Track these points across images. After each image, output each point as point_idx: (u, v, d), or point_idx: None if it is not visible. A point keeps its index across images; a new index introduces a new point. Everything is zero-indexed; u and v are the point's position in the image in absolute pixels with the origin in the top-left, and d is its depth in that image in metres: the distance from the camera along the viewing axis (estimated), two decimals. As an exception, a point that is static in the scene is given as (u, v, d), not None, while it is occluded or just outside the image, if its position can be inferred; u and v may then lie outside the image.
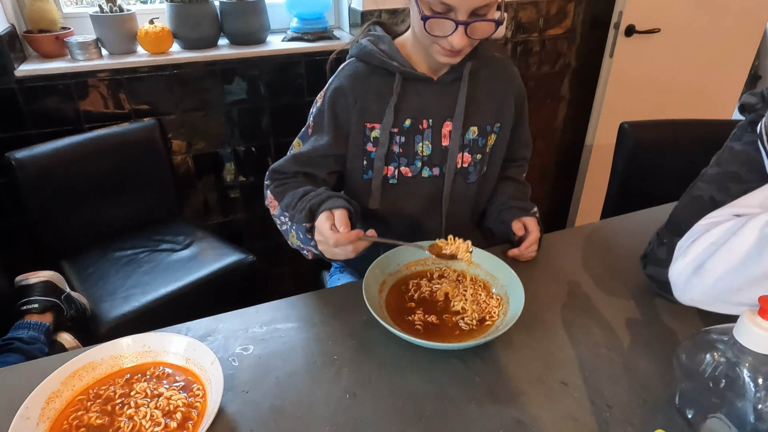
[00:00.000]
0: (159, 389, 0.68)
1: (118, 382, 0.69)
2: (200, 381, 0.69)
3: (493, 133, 1.03)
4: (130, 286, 1.39)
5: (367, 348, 0.79)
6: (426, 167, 0.99)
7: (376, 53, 0.94)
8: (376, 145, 0.97)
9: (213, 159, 1.87)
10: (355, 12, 1.85)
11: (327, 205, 0.83)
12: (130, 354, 0.72)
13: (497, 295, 0.87)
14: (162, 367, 0.71)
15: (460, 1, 0.79)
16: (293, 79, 1.84)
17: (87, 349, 0.71)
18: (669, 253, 0.82)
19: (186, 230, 1.65)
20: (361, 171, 0.99)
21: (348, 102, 0.95)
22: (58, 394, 0.66)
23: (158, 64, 1.65)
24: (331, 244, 0.78)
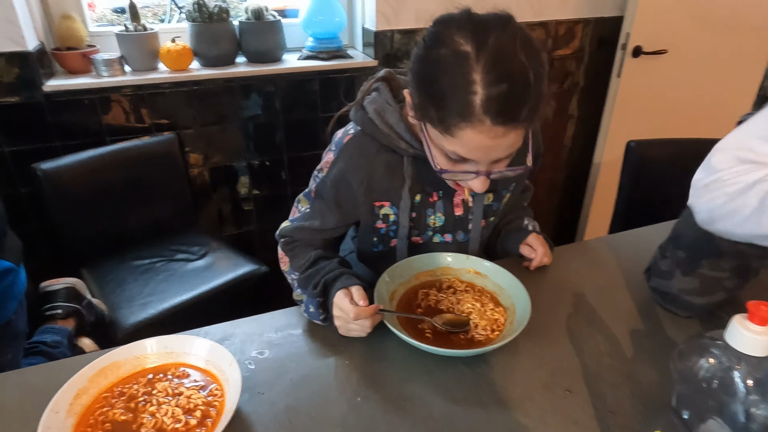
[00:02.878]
0: (180, 389, 0.72)
1: (141, 381, 0.73)
2: (219, 381, 0.73)
3: (509, 193, 1.01)
4: (147, 294, 1.43)
5: (377, 353, 0.82)
6: (437, 234, 0.99)
7: (383, 131, 0.86)
8: (385, 222, 0.95)
9: (228, 172, 1.93)
10: (368, 32, 1.91)
11: (342, 283, 0.83)
12: (152, 355, 0.76)
13: (505, 305, 0.89)
14: (183, 367, 0.75)
15: (483, 157, 0.72)
16: (307, 95, 1.90)
17: (112, 350, 0.75)
18: (671, 265, 0.85)
19: (201, 240, 1.70)
20: (371, 245, 0.99)
21: (354, 186, 0.90)
22: (84, 390, 0.70)
23: (178, 81, 1.72)
24: (352, 317, 0.77)
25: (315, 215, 0.95)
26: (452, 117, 0.67)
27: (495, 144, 0.69)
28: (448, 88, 0.66)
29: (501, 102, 0.64)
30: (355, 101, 0.91)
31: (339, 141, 0.92)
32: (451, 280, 0.96)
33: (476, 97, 0.64)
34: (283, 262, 0.97)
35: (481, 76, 0.64)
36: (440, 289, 0.94)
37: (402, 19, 1.86)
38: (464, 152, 0.71)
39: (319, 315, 0.85)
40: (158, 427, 0.67)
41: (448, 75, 0.66)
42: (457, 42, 0.66)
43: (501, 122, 0.65)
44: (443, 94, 0.67)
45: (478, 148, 0.69)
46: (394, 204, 0.93)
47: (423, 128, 0.76)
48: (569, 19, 2.10)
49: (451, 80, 0.66)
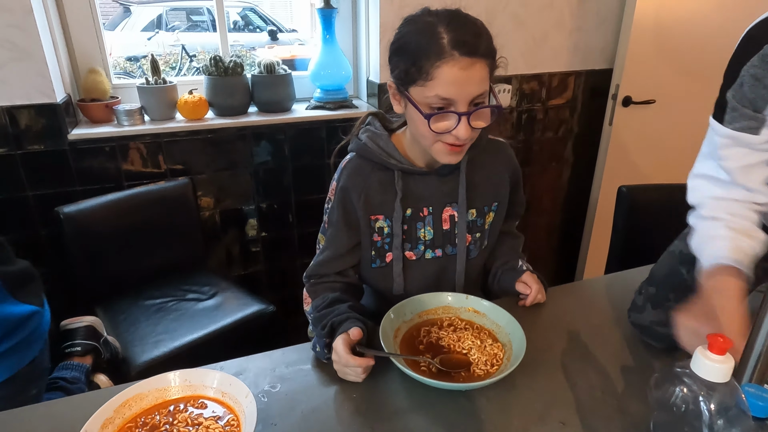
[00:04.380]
0: (199, 419, 0.77)
1: (163, 412, 0.78)
2: (235, 413, 0.78)
3: (492, 212, 1.10)
4: (159, 332, 1.49)
5: (383, 387, 0.87)
6: (429, 249, 1.08)
7: (375, 151, 1.01)
8: (380, 234, 1.05)
9: (238, 215, 2.01)
10: (372, 83, 2.04)
11: (344, 327, 0.89)
12: (174, 387, 0.81)
13: (502, 341, 0.95)
14: (202, 399, 0.80)
15: (458, 93, 0.84)
16: (315, 142, 2.01)
17: (136, 382, 0.80)
18: (645, 300, 0.94)
19: (211, 281, 1.77)
20: (369, 260, 1.07)
21: (353, 199, 1.02)
22: (111, 420, 0.75)
23: (194, 129, 1.83)
24: (343, 363, 0.85)
25: (329, 244, 1.05)
26: (428, 61, 0.83)
27: (466, 76, 0.84)
28: (422, 43, 0.85)
29: (462, 38, 0.83)
30: (351, 133, 1.08)
31: (339, 168, 1.07)
32: (452, 318, 1.02)
33: (443, 40, 0.83)
34: (306, 302, 1.04)
35: (444, 27, 0.84)
36: (441, 326, 1.00)
37: (404, 72, 1.98)
38: (443, 90, 0.84)
39: (324, 354, 0.91)
40: (178, 456, 0.71)
41: (420, 35, 0.86)
42: (421, 18, 0.88)
43: (466, 53, 0.83)
44: (419, 49, 0.85)
45: (454, 81, 0.84)
46: (387, 217, 1.03)
47: (407, 98, 0.89)
48: (562, 71, 2.23)
49: (423, 38, 0.85)
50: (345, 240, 1.05)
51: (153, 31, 6.77)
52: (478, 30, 0.86)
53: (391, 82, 0.93)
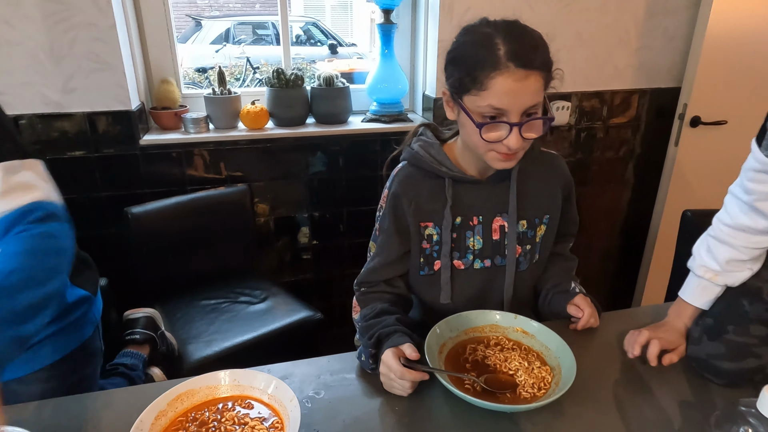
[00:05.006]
0: (245, 419, 0.79)
1: (212, 408, 0.81)
2: (280, 416, 0.79)
3: (543, 224, 1.08)
4: (212, 332, 1.54)
5: (425, 402, 0.86)
6: (477, 259, 1.07)
7: (427, 159, 1.02)
8: (429, 242, 1.05)
9: (291, 222, 2.07)
10: (428, 98, 2.05)
11: (393, 341, 0.90)
12: (223, 386, 0.84)
13: (551, 365, 0.92)
14: (249, 400, 0.83)
15: (511, 103, 0.85)
16: (369, 155, 2.03)
17: (188, 378, 0.84)
18: (701, 332, 0.89)
19: (262, 285, 1.82)
20: (417, 268, 1.08)
21: (404, 206, 1.03)
22: (164, 413, 0.79)
23: (254, 138, 1.90)
24: (397, 377, 0.84)
25: (380, 251, 1.07)
26: (483, 71, 0.84)
27: (521, 87, 0.84)
28: (478, 54, 0.86)
29: (519, 50, 0.83)
30: (403, 143, 1.10)
31: (391, 176, 1.10)
32: (499, 337, 1.00)
33: (500, 51, 0.84)
34: (354, 311, 1.05)
35: (501, 38, 0.85)
36: (488, 345, 0.98)
37: (461, 88, 1.98)
38: (497, 101, 0.85)
39: (369, 364, 0.92)
40: (224, 453, 0.74)
41: (476, 45, 0.87)
42: (479, 29, 0.89)
43: (521, 65, 0.83)
44: (475, 59, 0.86)
45: (508, 92, 0.84)
46: (437, 224, 1.04)
47: (461, 106, 0.90)
48: (625, 89, 2.16)
49: (480, 48, 0.86)
50: (395, 247, 1.06)
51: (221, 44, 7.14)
52: (535, 42, 0.87)
53: (445, 89, 0.95)
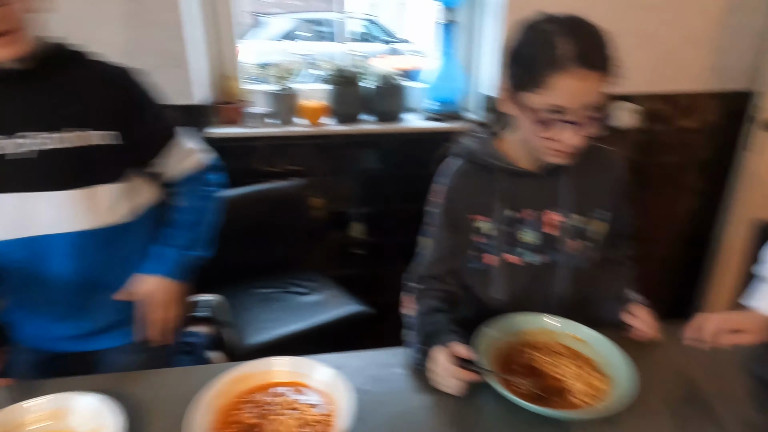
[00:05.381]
0: (296, 404, 0.82)
1: (268, 392, 0.85)
2: (331, 404, 0.82)
3: (598, 220, 1.06)
4: (265, 320, 1.61)
5: (472, 401, 0.86)
6: (530, 253, 1.05)
7: (479, 153, 1.03)
8: (481, 236, 1.05)
9: (343, 217, 2.11)
10: (486, 97, 2.03)
11: (444, 339, 0.90)
12: (279, 371, 0.88)
13: (604, 374, 0.90)
14: (303, 387, 0.86)
15: (571, 103, 0.84)
16: (423, 153, 2.02)
17: (246, 362, 0.88)
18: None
19: (314, 277, 1.87)
20: (469, 262, 1.08)
21: (456, 199, 1.05)
22: (223, 393, 0.83)
23: (312, 134, 1.95)
24: (449, 375, 0.86)
25: (433, 246, 1.08)
26: (544, 70, 0.84)
27: (581, 86, 0.84)
28: (539, 52, 0.86)
29: (581, 50, 0.83)
30: (455, 138, 1.11)
31: (443, 171, 1.10)
32: (549, 342, 0.99)
33: (561, 50, 0.83)
34: (404, 306, 1.07)
35: (563, 37, 0.84)
36: (538, 349, 0.97)
37: (518, 87, 1.95)
38: (557, 98, 0.85)
39: (419, 360, 0.93)
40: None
41: (538, 44, 0.87)
42: (541, 26, 0.88)
43: (583, 64, 0.83)
44: (536, 58, 0.86)
45: (568, 91, 0.84)
46: (489, 218, 1.04)
47: (519, 102, 0.90)
48: (692, 91, 2.05)
49: (542, 47, 0.86)
50: (447, 241, 1.07)
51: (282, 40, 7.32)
52: (598, 41, 0.86)
53: (504, 83, 0.95)
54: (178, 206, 1.16)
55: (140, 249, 1.09)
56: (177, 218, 1.15)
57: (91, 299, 1.04)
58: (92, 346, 1.08)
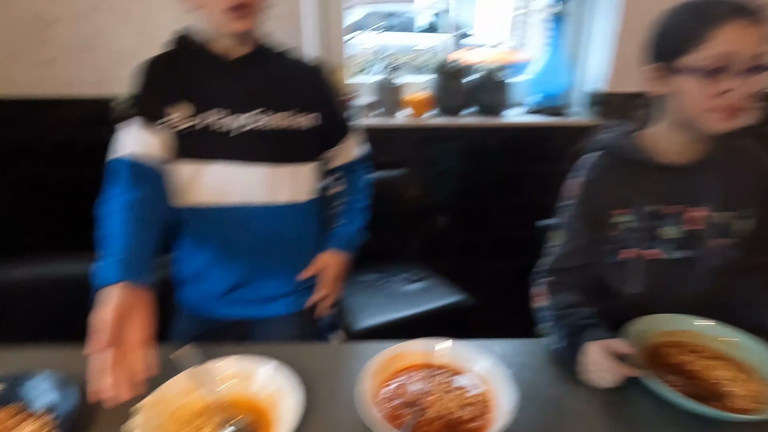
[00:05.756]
0: (451, 386, 0.86)
1: (425, 371, 0.89)
2: (487, 388, 0.85)
3: (747, 219, 1.03)
4: (373, 305, 1.66)
5: (623, 397, 0.87)
6: (671, 250, 1.03)
7: (622, 147, 1.04)
8: (620, 230, 1.04)
9: (443, 209, 2.13)
10: (594, 94, 1.99)
11: (597, 333, 0.91)
12: (437, 353, 0.92)
13: (764, 379, 0.88)
14: (459, 371, 0.89)
15: (737, 50, 0.85)
16: (524, 148, 2.03)
17: (403, 342, 0.92)
18: None
19: (416, 266, 1.91)
20: (606, 255, 1.07)
21: (596, 193, 1.05)
22: (382, 369, 0.88)
23: (416, 126, 1.98)
24: (607, 370, 0.86)
25: (569, 238, 1.08)
26: (707, 26, 0.87)
27: (745, 34, 0.85)
28: (698, 13, 0.89)
29: (740, 4, 0.86)
30: (593, 134, 1.11)
31: (581, 165, 1.10)
32: (696, 344, 0.97)
33: (721, 7, 0.87)
34: (538, 299, 1.08)
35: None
36: (686, 351, 0.96)
37: (629, 82, 1.90)
38: (724, 46, 0.86)
39: (566, 353, 0.94)
40: (438, 413, 0.81)
41: (695, 8, 0.91)
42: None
43: (744, 16, 0.85)
44: (696, 15, 0.89)
45: (734, 38, 0.86)
46: (630, 212, 1.03)
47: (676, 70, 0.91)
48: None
49: (699, 8, 0.90)
50: (586, 234, 1.06)
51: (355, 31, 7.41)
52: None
53: (651, 66, 0.97)
54: (347, 191, 1.30)
55: (312, 227, 1.21)
56: (349, 203, 1.29)
57: (268, 268, 1.14)
58: (254, 313, 1.17)
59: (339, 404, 0.85)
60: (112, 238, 0.86)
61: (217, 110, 1.04)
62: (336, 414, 0.83)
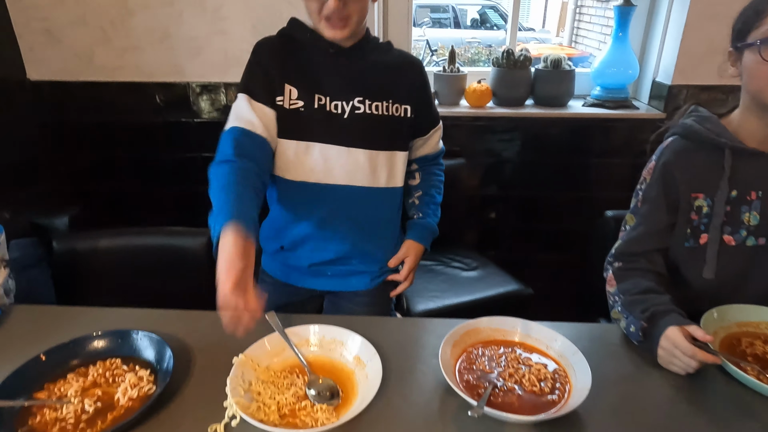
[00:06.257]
0: (529, 361, 0.88)
1: (499, 347, 0.92)
2: (561, 366, 0.87)
3: None
4: (431, 290, 1.70)
5: (702, 383, 0.87)
6: (751, 236, 1.02)
7: (702, 131, 1.02)
8: (698, 214, 1.03)
9: (499, 199, 2.14)
10: (660, 85, 1.95)
11: (675, 319, 0.90)
12: (514, 331, 0.95)
13: None
14: (531, 348, 0.92)
15: None
16: (586, 140, 2.01)
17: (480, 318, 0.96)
18: None
19: (471, 255, 1.93)
20: (683, 239, 1.06)
21: (675, 175, 1.04)
22: (459, 341, 0.91)
23: (475, 116, 2.00)
24: (688, 355, 0.85)
25: (644, 221, 1.08)
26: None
27: None
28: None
29: None
30: (672, 121, 1.11)
31: (659, 150, 1.09)
32: (780, 335, 0.96)
33: None
34: (610, 284, 1.08)
35: None
36: (762, 342, 0.95)
37: (700, 75, 1.85)
38: None
39: (638, 336, 0.95)
40: (513, 386, 0.83)
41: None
42: None
43: None
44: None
45: None
46: (709, 196, 1.02)
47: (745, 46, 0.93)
48: None
49: None
50: (661, 216, 1.06)
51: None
52: None
53: (729, 50, 0.99)
54: (424, 184, 1.32)
55: (398, 212, 1.26)
56: (429, 195, 1.32)
57: (358, 247, 1.19)
58: (335, 287, 1.23)
59: (415, 373, 0.89)
60: (223, 196, 0.92)
61: (323, 94, 1.09)
62: (412, 382, 0.87)
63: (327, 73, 1.10)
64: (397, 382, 0.86)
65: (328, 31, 1.04)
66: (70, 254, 1.38)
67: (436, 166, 1.36)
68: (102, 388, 0.85)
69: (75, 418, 0.78)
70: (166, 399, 0.82)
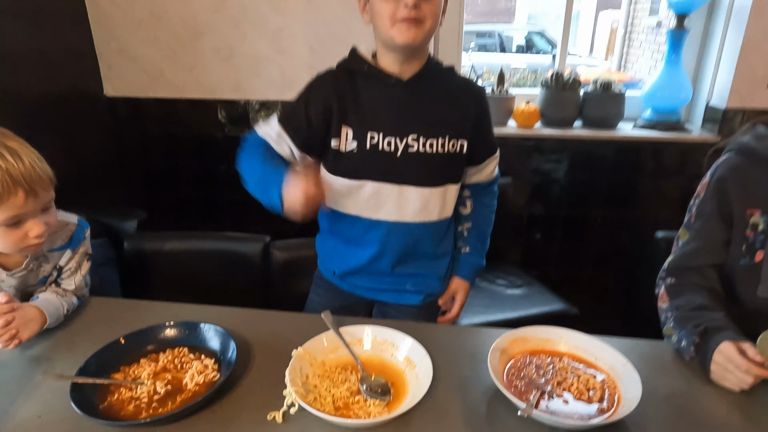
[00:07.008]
0: (578, 372, 0.89)
1: (547, 356, 0.93)
2: (610, 377, 0.88)
3: None
4: (475, 305, 1.71)
5: (755, 400, 0.86)
6: None
7: (759, 148, 1.01)
8: (754, 230, 1.02)
9: (544, 219, 2.14)
10: (713, 109, 1.92)
11: (728, 335, 0.90)
12: (560, 341, 0.96)
13: None
14: (580, 358, 0.93)
15: None
16: (636, 162, 2.00)
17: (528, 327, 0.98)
18: None
19: (516, 273, 1.94)
20: (738, 257, 1.04)
21: (730, 190, 1.03)
22: (507, 349, 0.93)
23: (523, 136, 2.02)
24: (743, 370, 0.85)
25: (697, 235, 1.07)
26: None
27: None
28: None
29: None
30: (731, 138, 1.10)
31: (714, 165, 1.08)
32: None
33: None
34: (662, 300, 1.08)
35: None
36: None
37: (757, 98, 1.82)
38: None
39: (690, 351, 0.94)
40: (562, 393, 0.85)
41: None
42: None
43: None
44: None
45: None
46: (765, 212, 1.00)
47: None
48: None
49: None
50: (716, 231, 1.05)
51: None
52: None
53: None
54: (477, 214, 1.29)
55: (447, 241, 1.24)
56: (480, 229, 1.29)
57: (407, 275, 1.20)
58: (387, 299, 1.26)
59: (463, 377, 0.91)
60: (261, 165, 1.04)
61: (376, 131, 1.07)
62: (460, 385, 0.90)
63: (382, 108, 1.08)
64: (445, 384, 0.89)
65: (401, 35, 0.99)
66: (139, 254, 1.48)
67: (489, 195, 1.31)
68: (171, 373, 0.91)
69: (148, 398, 0.85)
70: (229, 386, 0.88)
